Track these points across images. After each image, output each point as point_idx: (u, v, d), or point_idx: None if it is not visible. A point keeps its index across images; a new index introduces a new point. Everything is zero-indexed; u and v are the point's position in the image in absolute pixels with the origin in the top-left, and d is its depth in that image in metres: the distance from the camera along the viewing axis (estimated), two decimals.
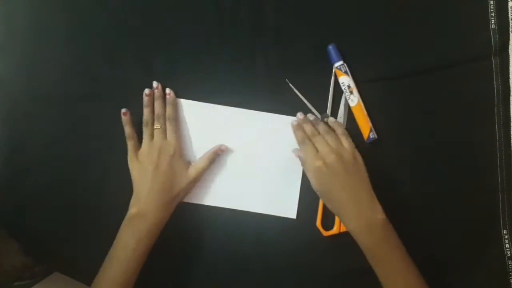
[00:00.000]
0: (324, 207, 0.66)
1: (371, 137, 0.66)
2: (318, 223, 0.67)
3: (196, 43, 0.69)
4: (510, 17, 0.68)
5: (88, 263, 0.64)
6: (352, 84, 0.67)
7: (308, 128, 0.65)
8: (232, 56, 0.69)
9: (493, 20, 0.68)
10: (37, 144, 0.69)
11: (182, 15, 0.70)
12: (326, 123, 0.66)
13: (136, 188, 0.64)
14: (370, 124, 0.66)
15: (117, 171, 0.67)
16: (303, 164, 0.65)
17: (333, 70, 0.68)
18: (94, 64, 0.70)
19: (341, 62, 0.67)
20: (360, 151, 0.63)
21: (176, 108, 0.68)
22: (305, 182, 0.67)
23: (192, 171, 0.66)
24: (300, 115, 0.67)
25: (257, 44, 0.69)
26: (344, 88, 0.67)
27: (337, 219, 0.66)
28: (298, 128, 0.66)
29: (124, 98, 0.69)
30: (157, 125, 0.66)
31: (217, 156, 0.68)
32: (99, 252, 0.62)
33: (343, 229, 0.66)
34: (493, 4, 0.68)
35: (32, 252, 0.68)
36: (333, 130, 0.65)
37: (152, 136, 0.66)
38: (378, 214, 0.59)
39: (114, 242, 0.62)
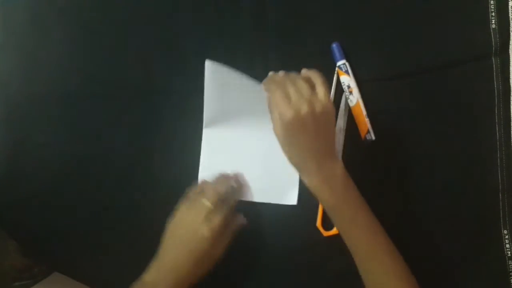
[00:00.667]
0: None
1: (368, 138, 0.66)
2: (318, 223, 0.67)
3: (196, 43, 0.69)
4: (510, 17, 0.67)
5: (88, 263, 0.64)
6: (352, 84, 0.66)
7: (280, 74, 0.59)
8: (232, 55, 0.69)
9: (493, 20, 0.68)
10: (36, 144, 0.69)
11: (182, 15, 0.70)
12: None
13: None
14: (368, 125, 0.66)
15: (117, 171, 0.67)
16: (270, 105, 0.57)
17: (336, 69, 0.68)
18: (94, 64, 0.70)
19: (343, 61, 0.67)
20: (358, 151, 0.63)
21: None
22: None
23: (220, 249, 0.61)
24: (271, 72, 0.61)
25: (257, 43, 0.69)
26: (344, 88, 0.67)
27: None
28: (270, 80, 0.59)
29: (124, 98, 0.69)
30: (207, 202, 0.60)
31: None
32: (99, 252, 0.62)
33: None
34: (493, 4, 0.68)
35: (31, 252, 0.68)
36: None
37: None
38: (338, 168, 0.57)
39: None
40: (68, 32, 0.70)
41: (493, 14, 0.68)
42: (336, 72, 0.68)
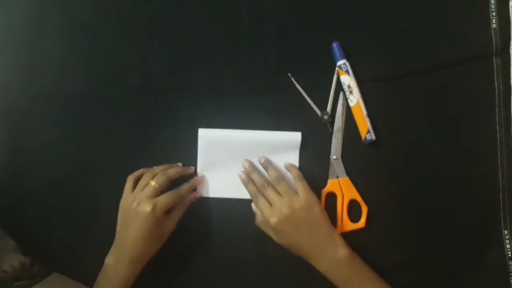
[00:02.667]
0: (325, 208, 0.66)
1: (368, 138, 0.66)
2: None
3: (196, 43, 0.69)
4: (511, 16, 0.67)
5: (87, 263, 0.64)
6: (353, 84, 0.66)
7: (256, 179, 0.65)
8: (232, 55, 0.69)
9: (494, 20, 0.68)
10: (36, 144, 0.69)
11: (182, 15, 0.70)
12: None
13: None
14: (368, 125, 0.66)
15: (117, 171, 0.67)
16: (258, 220, 0.65)
17: (336, 68, 0.68)
18: (93, 64, 0.70)
19: (343, 61, 0.67)
20: (358, 151, 0.63)
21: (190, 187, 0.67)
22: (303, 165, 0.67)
23: (171, 224, 0.64)
24: (245, 162, 0.67)
25: (257, 43, 0.69)
26: (345, 88, 0.67)
27: (338, 220, 0.66)
28: (247, 181, 0.66)
29: (124, 98, 0.69)
30: (152, 182, 0.63)
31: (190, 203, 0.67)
32: (98, 252, 0.62)
33: (344, 230, 0.66)
34: (494, 4, 0.68)
35: (31, 252, 0.68)
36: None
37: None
38: (341, 250, 0.61)
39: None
40: (68, 32, 0.70)
41: (494, 14, 0.68)
42: (336, 71, 0.68)
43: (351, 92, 0.66)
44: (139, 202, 0.61)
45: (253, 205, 0.66)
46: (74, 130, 0.69)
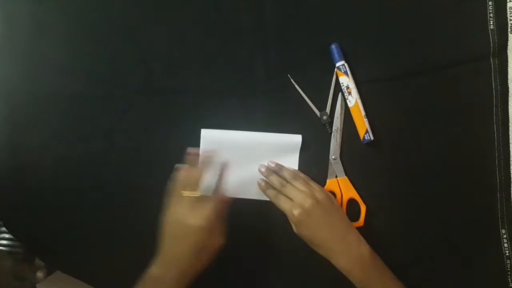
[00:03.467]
0: None
1: (367, 138, 0.66)
2: None
3: (196, 44, 0.70)
4: (509, 17, 0.67)
5: (89, 262, 0.64)
6: (351, 85, 0.67)
7: (274, 180, 0.65)
8: (233, 56, 0.69)
9: (491, 21, 0.68)
10: (37, 144, 0.69)
11: (182, 15, 0.70)
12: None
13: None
14: (366, 126, 0.66)
15: (117, 171, 0.67)
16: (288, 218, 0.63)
17: (336, 69, 0.68)
18: (94, 64, 0.70)
19: (342, 62, 0.67)
20: (356, 151, 0.63)
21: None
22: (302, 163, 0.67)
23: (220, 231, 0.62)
24: (262, 167, 0.67)
25: (257, 44, 0.69)
26: (343, 88, 0.67)
27: None
28: (267, 187, 0.65)
29: (124, 98, 0.69)
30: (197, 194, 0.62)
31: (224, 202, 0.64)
32: (101, 251, 0.62)
33: None
34: (491, 5, 0.68)
35: (34, 251, 0.68)
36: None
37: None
38: (363, 246, 0.60)
39: None
40: (68, 32, 0.70)
41: (492, 15, 0.68)
42: (335, 72, 0.68)
43: (349, 93, 0.67)
44: (189, 216, 0.59)
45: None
46: (75, 131, 0.69)
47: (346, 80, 0.67)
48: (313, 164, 0.68)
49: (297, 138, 0.67)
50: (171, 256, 0.60)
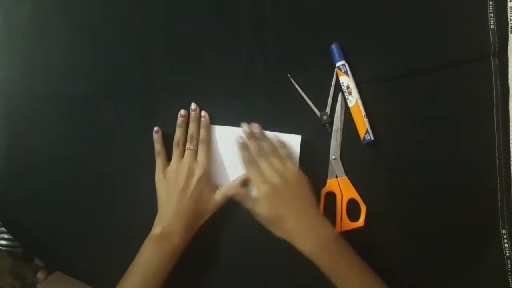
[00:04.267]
0: (324, 207, 0.67)
1: (367, 138, 0.66)
2: None
3: (196, 43, 0.70)
4: (509, 17, 0.67)
5: (89, 263, 0.64)
6: (352, 85, 0.67)
7: (252, 146, 0.64)
8: (232, 56, 0.69)
9: (492, 21, 0.68)
10: (36, 144, 0.69)
11: (182, 15, 0.70)
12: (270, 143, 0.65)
13: (161, 208, 0.64)
14: (367, 125, 0.66)
15: (117, 171, 0.67)
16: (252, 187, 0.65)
17: (336, 69, 0.68)
18: (94, 64, 0.70)
19: (342, 62, 0.67)
20: (356, 151, 0.63)
21: (209, 131, 0.68)
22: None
23: (219, 196, 0.65)
24: (245, 126, 0.66)
25: (257, 44, 0.69)
26: (344, 88, 0.67)
27: (337, 220, 0.66)
28: (243, 147, 0.65)
29: (124, 98, 0.69)
30: (189, 146, 0.66)
31: (245, 185, 0.67)
32: (101, 252, 0.62)
33: (343, 229, 0.66)
34: (492, 5, 0.68)
35: (33, 252, 0.68)
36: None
37: (182, 156, 0.66)
38: (330, 230, 0.60)
39: (135, 258, 0.62)
40: (67, 32, 0.70)
41: (492, 14, 0.68)
42: (335, 72, 0.68)
43: (349, 93, 0.67)
44: (188, 168, 0.64)
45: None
46: (75, 130, 0.69)
47: (346, 80, 0.67)
48: (313, 164, 0.68)
49: (296, 138, 0.67)
50: (172, 209, 0.62)
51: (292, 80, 0.68)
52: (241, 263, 0.68)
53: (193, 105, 0.67)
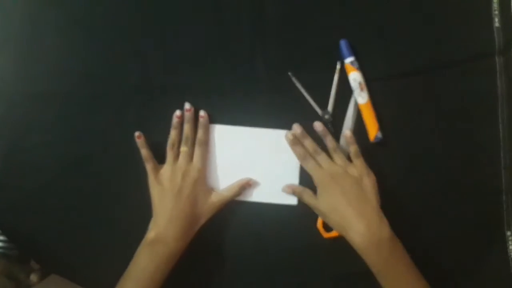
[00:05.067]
0: None
1: (379, 137, 0.65)
2: (319, 224, 0.66)
3: (195, 43, 0.69)
4: None
5: (86, 265, 0.63)
6: (363, 81, 0.66)
7: (309, 144, 0.64)
8: (232, 54, 0.69)
9: (496, 19, 0.68)
10: (32, 144, 0.68)
11: (182, 15, 0.69)
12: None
13: (156, 212, 0.63)
14: (377, 124, 0.66)
15: (116, 171, 0.67)
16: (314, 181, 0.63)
17: (337, 67, 0.67)
18: (92, 63, 0.69)
19: (352, 58, 0.66)
20: (365, 151, 0.63)
21: (207, 131, 0.66)
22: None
23: (215, 199, 0.64)
24: (297, 127, 0.65)
25: (257, 41, 0.69)
26: (355, 85, 0.66)
27: None
28: (296, 143, 0.64)
29: (123, 97, 0.68)
30: (184, 148, 0.64)
31: (243, 189, 0.66)
32: (97, 254, 0.62)
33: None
34: (496, 3, 0.68)
35: (28, 253, 0.67)
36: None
37: (176, 158, 0.64)
38: (385, 229, 0.59)
39: (131, 263, 0.61)
40: (65, 31, 0.70)
41: (496, 12, 0.68)
42: (338, 69, 0.67)
43: (361, 90, 0.66)
44: (183, 171, 0.63)
45: (291, 188, 0.65)
46: (72, 130, 0.69)
47: (358, 76, 0.66)
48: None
49: (283, 133, 0.66)
50: (168, 212, 0.61)
51: (292, 78, 0.68)
52: (241, 266, 0.67)
53: (187, 105, 0.66)
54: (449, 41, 0.68)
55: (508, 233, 0.66)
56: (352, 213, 0.59)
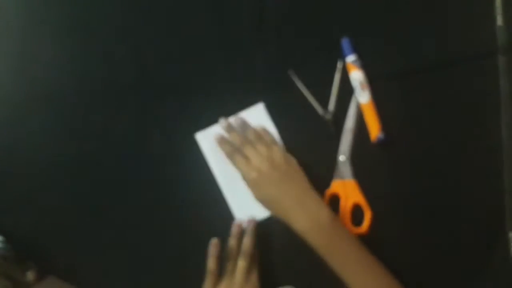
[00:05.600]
0: None
1: (380, 137, 0.65)
2: None
3: (195, 42, 0.69)
4: None
5: (84, 267, 0.63)
6: (365, 80, 0.65)
7: (235, 137, 0.64)
8: (232, 52, 0.69)
9: (499, 17, 0.67)
10: (29, 144, 0.68)
11: (182, 14, 0.69)
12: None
13: None
14: (379, 124, 0.65)
15: (116, 171, 0.67)
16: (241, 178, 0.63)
17: (338, 66, 0.67)
18: (92, 63, 0.69)
19: (354, 57, 0.66)
20: (365, 151, 0.63)
21: (253, 241, 0.64)
22: None
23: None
24: (222, 120, 0.65)
25: (258, 40, 0.69)
26: (356, 85, 0.66)
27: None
28: (221, 141, 0.65)
29: (122, 97, 0.69)
30: (242, 262, 0.61)
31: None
32: (96, 256, 0.62)
33: None
34: (499, 1, 0.67)
35: (27, 255, 0.67)
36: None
37: (233, 272, 0.62)
38: (324, 210, 0.59)
39: None
40: (64, 31, 0.70)
41: (499, 11, 0.67)
42: (338, 68, 0.67)
43: (363, 89, 0.65)
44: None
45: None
46: (71, 129, 0.69)
47: (360, 75, 0.65)
48: (315, 163, 0.66)
49: (259, 107, 0.67)
50: None
51: (292, 77, 0.67)
52: None
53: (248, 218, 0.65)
54: (451, 40, 0.68)
55: (510, 234, 0.65)
56: (288, 203, 0.59)
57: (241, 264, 0.61)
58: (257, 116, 0.67)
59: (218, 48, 0.69)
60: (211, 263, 0.62)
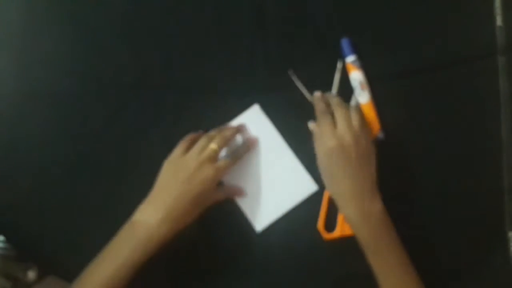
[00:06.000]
0: (327, 208, 0.65)
1: (380, 137, 0.65)
2: (319, 225, 0.65)
3: (195, 42, 0.69)
4: None
5: (83, 267, 0.63)
6: (365, 80, 0.65)
7: (334, 100, 0.63)
8: (232, 52, 0.69)
9: (499, 17, 0.67)
10: (28, 143, 0.68)
11: (182, 14, 0.69)
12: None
13: (157, 190, 0.60)
14: (379, 124, 0.65)
15: (116, 171, 0.67)
16: (315, 139, 0.62)
17: (338, 66, 0.67)
18: (92, 63, 0.69)
19: (354, 57, 0.66)
20: None
21: (245, 153, 0.66)
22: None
23: (220, 195, 0.64)
24: (317, 93, 0.65)
25: (258, 40, 0.68)
26: (356, 85, 0.66)
27: (338, 221, 0.65)
28: (320, 99, 0.64)
29: (122, 96, 0.68)
30: (214, 146, 0.61)
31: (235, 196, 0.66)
32: (95, 255, 0.61)
33: (344, 233, 0.65)
34: (499, 1, 0.67)
35: (27, 254, 0.67)
36: None
37: (204, 150, 0.61)
38: (377, 204, 0.58)
39: (110, 241, 0.59)
40: (64, 30, 0.70)
41: (499, 11, 0.67)
42: (338, 67, 0.67)
43: (362, 89, 0.65)
44: (201, 164, 0.59)
45: (313, 125, 0.63)
46: (71, 129, 0.69)
47: (359, 75, 0.65)
48: (314, 163, 0.66)
49: (255, 109, 0.67)
50: (166, 200, 0.58)
51: (293, 76, 0.67)
52: (241, 266, 0.67)
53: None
54: (450, 41, 0.67)
55: (510, 233, 0.65)
56: (348, 185, 0.58)
57: (214, 147, 0.61)
58: (254, 118, 0.67)
59: (218, 48, 0.69)
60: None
